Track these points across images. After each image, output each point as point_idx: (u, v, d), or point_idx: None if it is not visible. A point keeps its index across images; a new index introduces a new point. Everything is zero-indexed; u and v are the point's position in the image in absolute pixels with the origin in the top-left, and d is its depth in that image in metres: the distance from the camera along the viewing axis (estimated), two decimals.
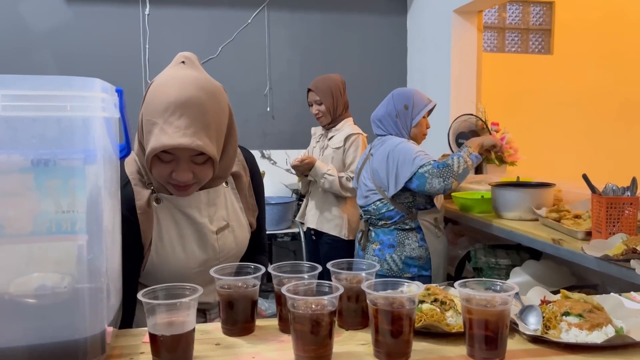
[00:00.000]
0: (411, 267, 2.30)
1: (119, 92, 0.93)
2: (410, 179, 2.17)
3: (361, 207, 2.46)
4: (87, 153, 0.81)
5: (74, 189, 0.81)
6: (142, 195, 1.20)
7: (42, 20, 3.68)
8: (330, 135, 2.93)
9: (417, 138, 2.38)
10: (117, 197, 1.01)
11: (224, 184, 1.32)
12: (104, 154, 0.86)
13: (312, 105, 2.93)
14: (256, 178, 1.43)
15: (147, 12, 3.80)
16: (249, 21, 4.00)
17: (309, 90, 2.93)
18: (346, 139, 2.85)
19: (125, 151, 1.02)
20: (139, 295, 0.89)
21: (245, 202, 1.36)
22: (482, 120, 3.14)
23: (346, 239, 2.84)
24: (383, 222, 2.35)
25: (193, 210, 1.24)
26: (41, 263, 0.83)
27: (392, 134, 2.34)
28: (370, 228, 2.42)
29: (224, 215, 1.30)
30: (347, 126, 2.91)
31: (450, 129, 3.23)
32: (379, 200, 2.34)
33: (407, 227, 2.32)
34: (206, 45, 3.92)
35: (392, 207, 2.31)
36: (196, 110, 1.09)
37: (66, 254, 0.83)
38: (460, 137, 3.21)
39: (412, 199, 2.32)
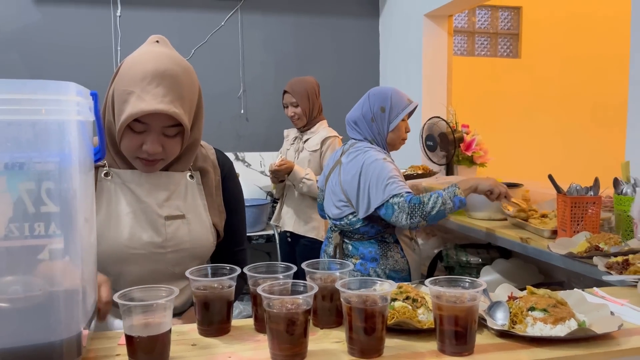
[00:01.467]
0: (395, 280, 2.11)
1: (94, 96, 0.94)
2: (379, 206, 2.01)
3: (333, 218, 2.25)
4: (62, 156, 0.82)
5: (48, 192, 0.81)
6: None
7: (9, 21, 3.61)
8: (305, 137, 2.94)
9: (395, 143, 2.22)
10: (92, 199, 1.01)
11: (188, 177, 1.30)
12: (79, 157, 0.86)
13: (287, 107, 2.94)
14: (230, 183, 1.41)
15: (118, 13, 3.77)
16: (222, 24, 3.99)
17: (285, 92, 2.93)
18: (323, 141, 2.86)
19: (100, 154, 1.02)
20: (115, 297, 0.89)
21: (210, 200, 1.34)
22: (447, 124, 3.21)
23: (323, 239, 2.85)
24: (359, 235, 2.19)
25: (137, 187, 1.24)
26: (15, 267, 0.83)
27: (368, 139, 2.18)
28: (346, 241, 2.23)
29: (181, 205, 1.27)
30: (322, 129, 2.92)
31: (422, 131, 3.29)
32: (351, 214, 2.15)
33: (386, 240, 2.17)
34: (179, 48, 3.86)
35: (367, 222, 2.13)
36: (172, 81, 1.16)
37: (40, 257, 0.82)
38: (428, 140, 3.27)
39: None
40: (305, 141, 2.94)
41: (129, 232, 1.21)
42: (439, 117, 3.27)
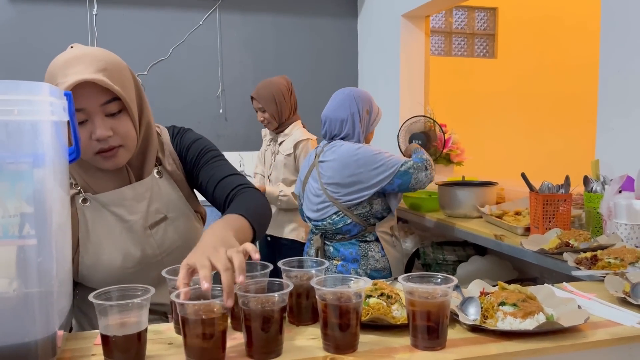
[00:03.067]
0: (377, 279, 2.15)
1: (68, 96, 0.94)
2: (390, 181, 2.09)
3: (314, 220, 2.28)
4: (35, 157, 0.82)
5: (22, 193, 0.81)
6: None
7: None
8: (280, 140, 2.91)
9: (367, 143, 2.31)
10: (67, 200, 1.01)
11: (155, 174, 1.27)
12: (53, 157, 0.86)
13: (257, 112, 2.91)
14: (188, 144, 1.32)
15: (94, 12, 3.73)
16: (200, 23, 3.98)
17: (252, 97, 2.90)
18: (296, 145, 2.82)
19: (74, 154, 1.01)
20: (91, 297, 0.89)
21: (185, 190, 1.31)
22: (433, 121, 3.24)
23: (303, 241, 2.86)
24: (341, 235, 2.23)
25: (119, 208, 1.21)
26: None
27: (343, 138, 2.22)
28: (327, 243, 2.27)
29: (160, 207, 1.25)
30: (295, 130, 2.87)
31: (400, 130, 3.32)
32: (334, 213, 2.19)
33: (367, 239, 2.22)
34: (157, 47, 3.88)
35: (349, 220, 2.18)
36: (91, 58, 1.12)
37: (14, 257, 0.82)
38: (415, 139, 3.29)
39: (369, 208, 2.19)
40: (280, 144, 2.91)
41: (122, 254, 1.20)
42: (423, 116, 3.30)
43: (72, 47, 1.19)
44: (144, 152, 1.25)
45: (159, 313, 1.28)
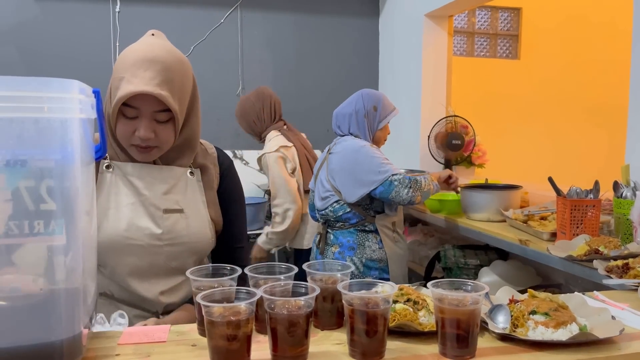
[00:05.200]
0: (372, 269, 2.28)
1: (96, 93, 0.93)
2: (376, 186, 2.17)
3: (319, 209, 2.41)
4: (64, 154, 0.81)
5: (49, 190, 0.81)
6: None
7: (7, 16, 3.59)
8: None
9: (380, 141, 2.40)
10: (93, 196, 1.00)
11: (188, 173, 1.31)
12: (81, 154, 0.85)
13: None
14: (228, 180, 1.42)
15: (117, 9, 3.75)
16: (222, 21, 3.98)
17: None
18: (258, 160, 2.89)
19: (101, 152, 1.01)
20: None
21: (211, 196, 1.35)
22: (465, 121, 3.21)
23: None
24: (341, 223, 2.33)
25: (138, 180, 1.25)
26: (14, 265, 0.82)
27: (352, 134, 2.33)
28: (329, 230, 2.38)
29: (180, 200, 1.28)
30: (267, 143, 2.88)
31: (431, 131, 3.27)
32: (336, 202, 2.30)
33: (366, 229, 2.30)
34: (178, 44, 3.84)
35: (349, 209, 2.28)
36: (162, 66, 1.17)
37: (40, 255, 0.82)
38: (454, 139, 3.24)
39: (370, 202, 2.29)
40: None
41: (127, 222, 1.22)
42: (455, 116, 3.25)
43: (152, 34, 1.26)
44: (180, 152, 1.29)
45: (150, 312, 1.27)
